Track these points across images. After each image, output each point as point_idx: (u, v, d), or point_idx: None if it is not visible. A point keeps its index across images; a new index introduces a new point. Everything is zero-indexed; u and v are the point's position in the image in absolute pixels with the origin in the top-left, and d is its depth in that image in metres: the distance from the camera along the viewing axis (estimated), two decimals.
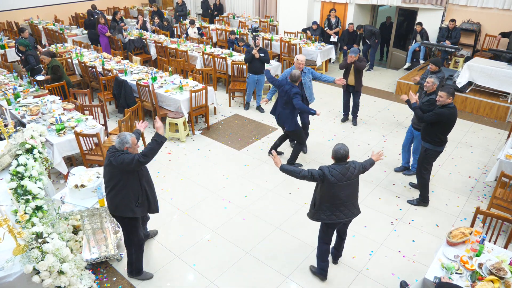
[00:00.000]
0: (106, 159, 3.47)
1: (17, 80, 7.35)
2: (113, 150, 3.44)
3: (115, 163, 3.35)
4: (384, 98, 8.55)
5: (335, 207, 3.55)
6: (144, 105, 7.11)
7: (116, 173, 3.42)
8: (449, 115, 4.38)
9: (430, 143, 4.64)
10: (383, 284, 3.93)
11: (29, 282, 3.11)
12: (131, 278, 3.99)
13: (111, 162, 3.38)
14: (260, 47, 7.30)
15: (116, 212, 3.58)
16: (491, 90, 7.80)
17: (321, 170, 3.45)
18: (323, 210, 3.58)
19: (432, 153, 4.71)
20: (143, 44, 10.52)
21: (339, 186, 3.45)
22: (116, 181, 3.45)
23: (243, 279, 4.00)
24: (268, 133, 7.01)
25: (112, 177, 3.46)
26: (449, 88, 4.38)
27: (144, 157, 3.35)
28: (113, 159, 3.36)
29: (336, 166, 3.46)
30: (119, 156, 3.35)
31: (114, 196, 3.50)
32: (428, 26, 9.53)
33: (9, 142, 4.38)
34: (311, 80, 6.00)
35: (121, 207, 3.52)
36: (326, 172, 3.42)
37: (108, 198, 3.56)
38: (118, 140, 3.43)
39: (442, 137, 4.58)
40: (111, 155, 3.40)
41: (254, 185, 5.51)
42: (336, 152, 3.47)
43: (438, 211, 4.98)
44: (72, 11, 14.80)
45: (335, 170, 3.44)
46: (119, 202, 3.50)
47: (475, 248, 3.30)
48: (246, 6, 13.98)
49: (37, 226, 3.23)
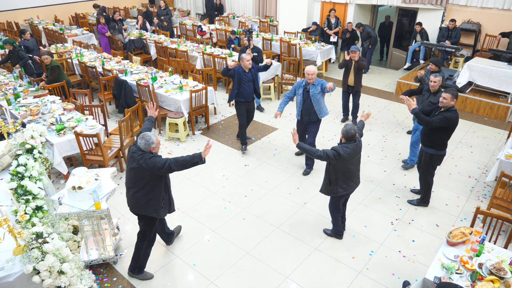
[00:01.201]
0: (132, 161, 3.45)
1: (17, 80, 7.35)
2: (140, 152, 3.43)
3: (145, 166, 3.36)
4: (384, 98, 8.56)
5: (349, 180, 4.04)
6: (144, 105, 7.11)
7: (145, 175, 3.43)
8: (456, 119, 4.32)
9: (434, 148, 4.53)
10: (383, 284, 3.93)
11: (29, 282, 3.11)
12: (131, 278, 3.99)
13: (141, 165, 3.38)
14: (254, 46, 7.31)
15: (141, 212, 3.63)
16: (491, 90, 7.80)
17: (335, 151, 3.78)
18: (339, 184, 4.02)
19: (437, 157, 4.61)
20: (143, 44, 10.53)
21: (351, 162, 3.91)
22: (144, 183, 3.47)
23: (243, 279, 4.00)
24: (268, 133, 7.01)
25: (139, 179, 3.47)
26: (453, 90, 4.29)
27: (175, 165, 3.39)
28: (143, 161, 3.37)
29: (348, 144, 3.83)
30: (150, 159, 3.37)
31: (141, 198, 3.53)
32: (428, 26, 9.53)
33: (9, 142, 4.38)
34: (321, 93, 5.30)
35: (147, 208, 3.57)
36: (341, 152, 3.77)
37: (133, 198, 3.58)
38: (144, 142, 3.41)
39: (446, 140, 4.51)
40: (140, 158, 3.40)
41: (254, 185, 5.51)
42: (347, 132, 3.81)
43: (438, 211, 4.98)
44: (72, 11, 14.80)
45: (348, 148, 3.81)
46: (145, 203, 3.55)
47: (475, 248, 3.30)
48: (246, 6, 13.99)
49: (37, 226, 3.23)
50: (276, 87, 8.62)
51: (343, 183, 4.03)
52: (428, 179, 4.83)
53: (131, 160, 3.48)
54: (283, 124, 7.32)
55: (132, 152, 3.49)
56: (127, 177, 3.62)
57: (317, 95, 5.27)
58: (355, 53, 6.51)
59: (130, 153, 3.51)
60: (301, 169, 5.88)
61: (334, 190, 4.07)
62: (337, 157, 3.77)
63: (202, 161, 3.44)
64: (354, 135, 3.81)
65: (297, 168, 5.91)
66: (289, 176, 5.72)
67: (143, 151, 3.44)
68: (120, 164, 5.79)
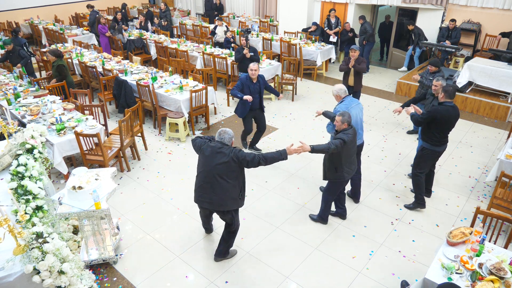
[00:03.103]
0: (222, 156, 3.57)
1: (17, 80, 7.35)
2: (228, 147, 3.63)
3: (236, 159, 3.56)
4: (384, 98, 8.56)
5: (351, 164, 4.30)
6: (144, 105, 7.12)
7: (235, 168, 3.61)
8: (443, 113, 4.32)
9: (427, 142, 4.58)
10: (383, 284, 3.93)
11: (29, 282, 3.11)
12: (134, 277, 4.00)
13: (232, 159, 3.56)
14: (250, 46, 7.33)
15: (229, 206, 3.75)
16: (491, 90, 7.80)
17: (341, 139, 4.01)
18: (345, 170, 4.23)
19: (429, 152, 4.62)
20: (143, 44, 10.53)
21: (353, 146, 4.19)
22: (234, 176, 3.64)
23: (243, 279, 4.00)
24: (268, 133, 7.01)
25: (229, 172, 3.61)
26: (448, 87, 4.35)
27: (264, 161, 3.62)
28: (234, 155, 3.55)
29: (349, 130, 4.10)
30: (239, 153, 3.57)
31: (231, 190, 3.67)
32: (428, 26, 9.54)
33: (9, 142, 4.38)
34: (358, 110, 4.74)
35: (236, 200, 3.76)
36: (346, 139, 4.02)
37: (220, 194, 3.66)
38: (228, 136, 3.66)
39: (439, 136, 4.48)
40: (230, 152, 3.57)
41: (254, 185, 5.51)
42: (349, 119, 4.09)
43: (438, 211, 4.98)
44: (72, 11, 14.80)
45: (349, 134, 4.07)
46: (236, 196, 3.73)
47: (475, 248, 3.30)
48: (246, 6, 13.99)
49: (37, 226, 3.23)
50: (276, 87, 8.62)
51: (347, 168, 4.26)
52: (417, 173, 4.77)
53: (219, 155, 3.58)
54: (283, 124, 7.32)
55: (218, 148, 3.61)
56: (207, 176, 3.66)
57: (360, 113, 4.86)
58: (355, 52, 6.50)
59: (215, 150, 3.61)
60: (301, 168, 5.88)
61: (341, 176, 4.26)
62: (343, 144, 4.02)
63: (286, 158, 3.73)
64: (349, 121, 4.13)
65: (297, 168, 5.91)
66: (289, 176, 5.72)
67: (228, 145, 3.66)
68: (120, 164, 5.80)
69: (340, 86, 4.80)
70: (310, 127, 7.23)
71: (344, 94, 4.79)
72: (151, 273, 4.06)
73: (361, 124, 4.75)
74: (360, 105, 4.78)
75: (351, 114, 4.48)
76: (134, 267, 4.14)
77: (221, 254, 4.18)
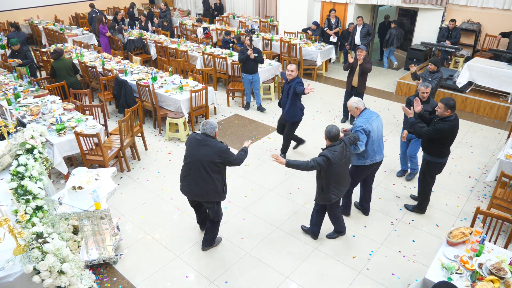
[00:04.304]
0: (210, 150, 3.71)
1: (17, 80, 7.35)
2: (213, 139, 3.77)
3: (220, 157, 3.73)
4: (384, 98, 8.56)
5: (340, 184, 3.95)
6: (144, 105, 7.12)
7: (219, 164, 3.78)
8: (448, 129, 4.16)
9: (431, 155, 4.45)
10: (383, 284, 3.93)
11: (29, 282, 3.11)
12: (134, 277, 4.00)
13: (217, 155, 3.70)
14: (254, 47, 7.32)
15: (212, 198, 3.90)
16: (491, 90, 7.80)
17: (324, 156, 3.72)
18: (331, 191, 3.92)
19: (434, 165, 4.51)
20: (143, 44, 10.53)
21: (339, 165, 3.81)
22: (217, 170, 3.79)
23: (243, 279, 4.01)
24: (268, 133, 7.01)
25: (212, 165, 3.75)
26: (448, 100, 4.10)
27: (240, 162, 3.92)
28: (219, 151, 3.71)
29: (335, 147, 3.77)
30: (225, 151, 3.74)
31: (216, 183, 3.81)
32: (428, 26, 9.54)
33: (9, 142, 4.38)
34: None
35: (219, 193, 3.90)
36: (330, 156, 3.70)
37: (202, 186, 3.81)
38: (210, 127, 3.77)
39: (443, 149, 4.39)
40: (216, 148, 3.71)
41: (254, 185, 5.51)
42: (329, 132, 3.78)
43: (438, 211, 4.98)
44: (72, 11, 14.80)
45: (335, 151, 3.74)
46: (220, 189, 3.87)
47: (475, 248, 3.30)
48: (246, 6, 13.99)
49: (37, 226, 3.23)
50: (276, 87, 8.63)
51: (335, 189, 3.94)
52: (425, 187, 4.71)
53: (204, 148, 3.72)
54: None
55: (204, 141, 3.75)
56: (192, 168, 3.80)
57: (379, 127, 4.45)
58: (362, 52, 6.47)
59: (201, 142, 3.75)
60: None
61: (328, 198, 3.97)
62: (327, 162, 3.72)
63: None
64: (336, 135, 3.79)
65: None
66: (289, 176, 5.72)
67: (212, 137, 3.77)
68: (120, 164, 5.80)
69: (357, 98, 4.35)
70: (310, 127, 7.23)
71: (363, 106, 4.30)
72: (151, 273, 4.07)
73: (381, 138, 4.34)
74: (380, 117, 4.34)
75: (372, 127, 4.13)
76: (134, 267, 4.14)
77: (207, 243, 4.33)
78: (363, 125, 4.10)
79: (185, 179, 3.92)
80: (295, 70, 5.58)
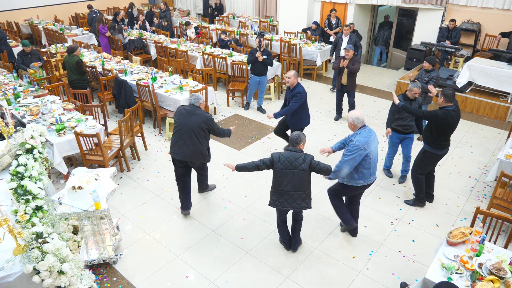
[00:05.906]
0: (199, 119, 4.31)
1: (17, 80, 7.35)
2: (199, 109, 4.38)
3: (207, 125, 4.35)
4: (384, 98, 8.55)
5: (279, 194, 3.81)
6: (144, 105, 7.12)
7: (205, 130, 4.38)
8: (442, 117, 4.29)
9: (429, 146, 4.60)
10: (383, 284, 3.93)
11: (29, 282, 3.11)
12: (134, 277, 4.00)
13: (204, 122, 4.32)
14: (264, 49, 7.27)
15: (202, 159, 4.53)
16: (491, 90, 7.80)
17: (271, 157, 3.74)
18: (271, 194, 3.92)
19: (430, 155, 4.64)
20: (143, 44, 10.53)
21: (283, 173, 3.70)
22: (204, 135, 4.39)
23: (243, 279, 4.01)
24: (268, 133, 7.01)
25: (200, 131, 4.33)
26: (446, 89, 4.30)
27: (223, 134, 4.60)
28: (207, 120, 4.34)
29: (287, 152, 3.71)
30: (211, 121, 4.39)
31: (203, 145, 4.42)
32: (428, 26, 9.54)
33: (9, 142, 4.38)
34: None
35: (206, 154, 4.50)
36: (275, 158, 3.69)
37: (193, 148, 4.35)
38: (194, 97, 4.41)
39: (441, 139, 4.49)
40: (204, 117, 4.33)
41: (254, 185, 5.51)
42: (295, 137, 3.74)
43: (438, 211, 4.98)
44: (72, 11, 14.80)
45: (283, 156, 3.69)
46: (206, 151, 4.49)
47: (475, 248, 3.30)
48: (246, 6, 13.99)
49: (37, 226, 3.23)
50: (276, 87, 8.62)
51: (273, 195, 3.84)
52: (416, 174, 4.82)
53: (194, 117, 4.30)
54: None
55: (193, 110, 4.34)
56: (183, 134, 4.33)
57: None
58: (349, 52, 6.51)
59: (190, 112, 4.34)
60: None
61: (270, 200, 3.93)
62: (271, 162, 3.70)
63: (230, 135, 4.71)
64: (294, 141, 3.69)
65: None
66: None
67: (198, 107, 4.38)
68: (120, 164, 5.80)
69: (358, 114, 3.92)
70: (310, 127, 7.22)
71: (361, 124, 3.94)
72: (151, 273, 4.06)
73: (377, 159, 4.10)
74: (376, 137, 4.05)
75: (371, 148, 3.85)
76: (134, 267, 4.14)
77: (202, 188, 5.25)
78: (361, 145, 3.81)
79: (176, 144, 4.40)
80: (293, 76, 5.44)
